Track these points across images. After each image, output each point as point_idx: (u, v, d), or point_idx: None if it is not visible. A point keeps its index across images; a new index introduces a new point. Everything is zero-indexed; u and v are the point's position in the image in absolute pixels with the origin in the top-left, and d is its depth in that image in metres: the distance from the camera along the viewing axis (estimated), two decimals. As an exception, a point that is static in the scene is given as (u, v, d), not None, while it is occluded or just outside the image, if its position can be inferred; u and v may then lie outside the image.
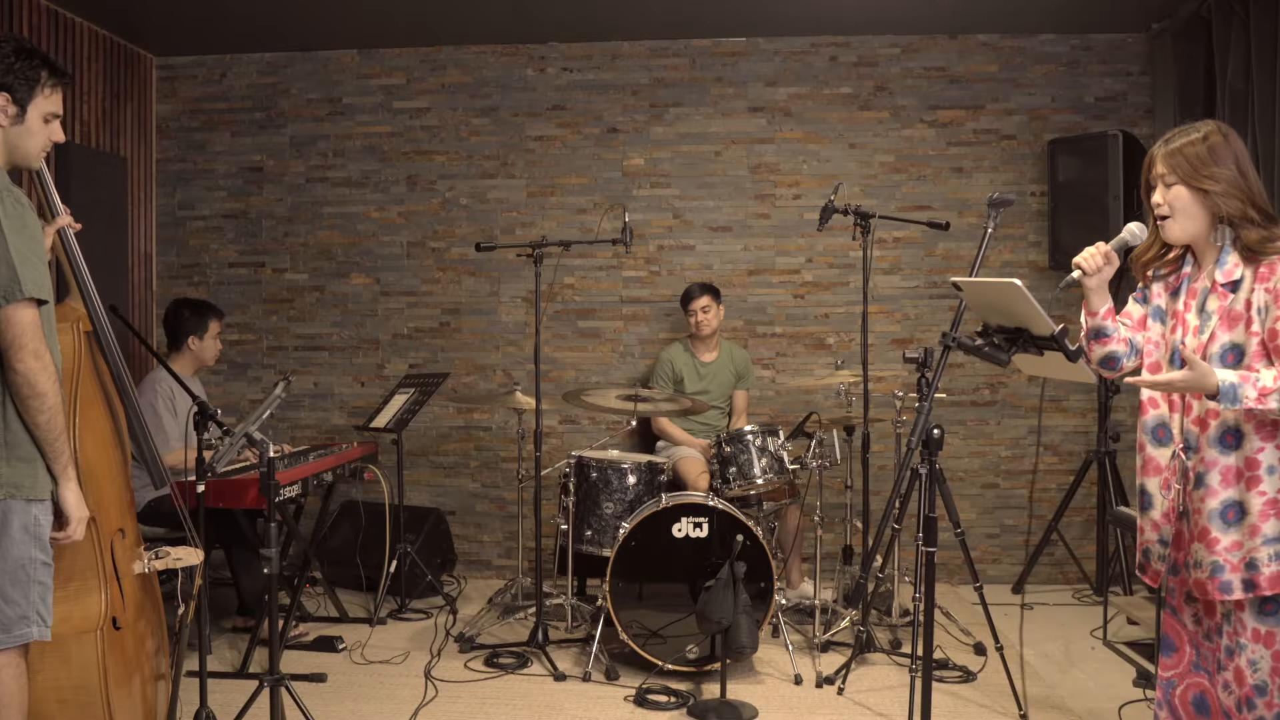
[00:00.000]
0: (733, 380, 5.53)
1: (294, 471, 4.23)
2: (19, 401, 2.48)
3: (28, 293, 2.43)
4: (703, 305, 5.36)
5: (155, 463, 3.21)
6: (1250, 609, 2.42)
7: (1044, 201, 5.73)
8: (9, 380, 2.46)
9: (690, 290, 5.41)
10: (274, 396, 3.43)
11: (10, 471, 2.48)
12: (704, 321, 5.37)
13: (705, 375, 5.46)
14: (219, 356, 4.96)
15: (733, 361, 5.54)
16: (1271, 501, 2.36)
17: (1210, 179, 2.42)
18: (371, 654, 4.53)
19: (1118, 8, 5.40)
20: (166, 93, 6.18)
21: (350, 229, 6.12)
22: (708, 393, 5.43)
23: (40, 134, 2.61)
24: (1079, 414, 5.83)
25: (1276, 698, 2.39)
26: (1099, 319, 2.62)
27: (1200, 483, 2.46)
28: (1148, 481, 2.61)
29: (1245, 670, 2.43)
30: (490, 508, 6.08)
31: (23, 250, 2.44)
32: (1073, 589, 5.65)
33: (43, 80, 2.58)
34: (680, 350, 5.52)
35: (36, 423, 2.49)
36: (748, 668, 4.34)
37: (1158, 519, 2.59)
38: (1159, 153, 2.51)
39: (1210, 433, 2.44)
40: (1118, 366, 2.69)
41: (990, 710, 3.88)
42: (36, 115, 2.59)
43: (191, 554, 3.20)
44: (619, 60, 5.98)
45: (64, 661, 2.82)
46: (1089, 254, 2.53)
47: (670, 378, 5.45)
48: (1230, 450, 2.42)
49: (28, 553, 2.51)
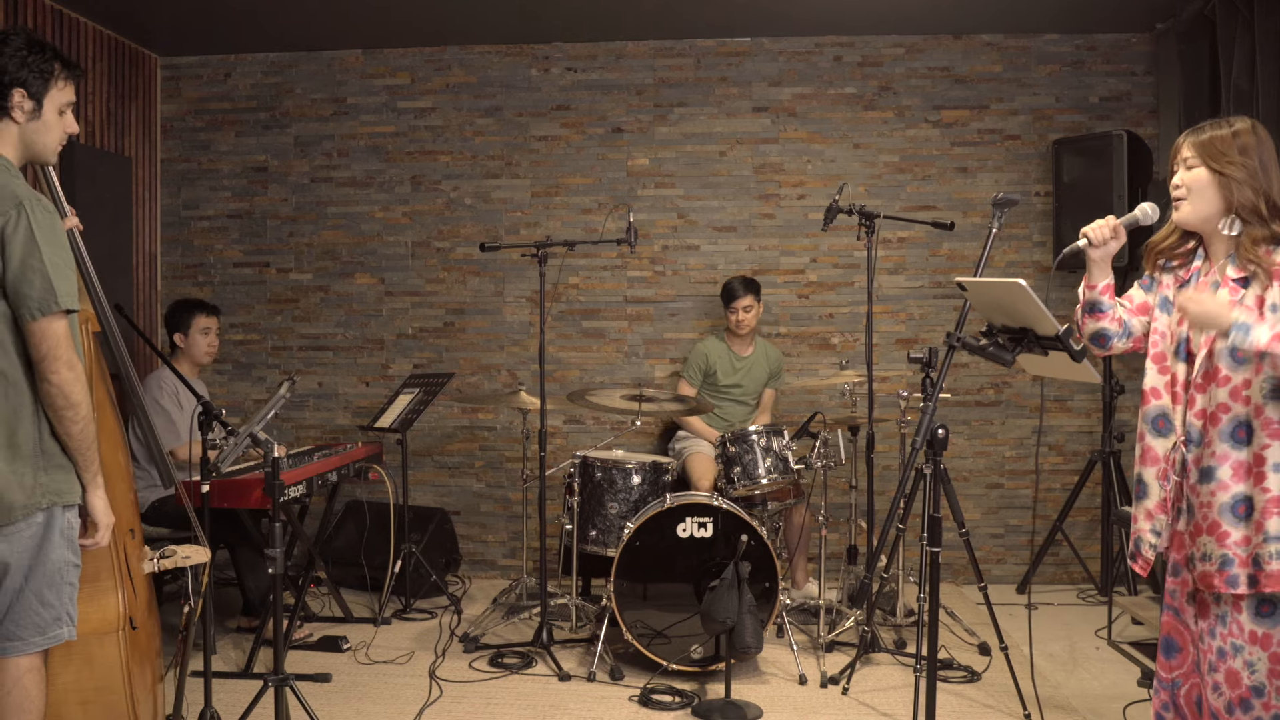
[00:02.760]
0: (766, 377, 5.53)
1: (299, 471, 4.24)
2: (52, 413, 2.46)
3: (62, 304, 2.42)
4: (745, 305, 5.33)
5: (164, 463, 3.22)
6: (1248, 610, 2.42)
7: (1048, 201, 5.72)
8: (43, 392, 2.45)
9: (733, 288, 5.36)
10: (279, 397, 3.44)
11: (49, 480, 2.48)
12: (744, 321, 5.36)
13: (740, 369, 5.46)
14: (213, 354, 4.93)
15: (768, 359, 5.54)
16: (1276, 499, 2.36)
17: (1232, 165, 2.45)
18: (376, 654, 4.53)
19: (1122, 7, 5.39)
20: (171, 92, 6.19)
21: (355, 229, 6.12)
22: (740, 386, 5.43)
23: (56, 128, 2.59)
24: (1083, 414, 5.82)
25: (1274, 699, 2.40)
26: (1096, 293, 2.64)
27: (1210, 477, 2.46)
28: (1145, 471, 2.62)
29: (1241, 672, 2.42)
30: (495, 508, 6.08)
31: (56, 261, 2.42)
32: (1077, 589, 5.64)
33: (56, 73, 2.56)
34: (716, 343, 5.52)
35: (70, 433, 2.48)
36: (752, 668, 4.34)
37: (1152, 508, 2.60)
38: (1187, 140, 2.54)
39: (1222, 426, 2.44)
40: (1107, 345, 2.69)
41: (995, 710, 3.88)
42: (52, 108, 2.56)
43: (199, 552, 3.20)
44: (623, 60, 5.98)
45: (86, 663, 2.82)
46: (1098, 225, 2.57)
47: (702, 369, 5.44)
48: (1242, 445, 2.42)
49: (64, 556, 2.53)
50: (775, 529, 5.02)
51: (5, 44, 2.49)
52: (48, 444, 2.49)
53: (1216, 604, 2.47)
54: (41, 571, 2.49)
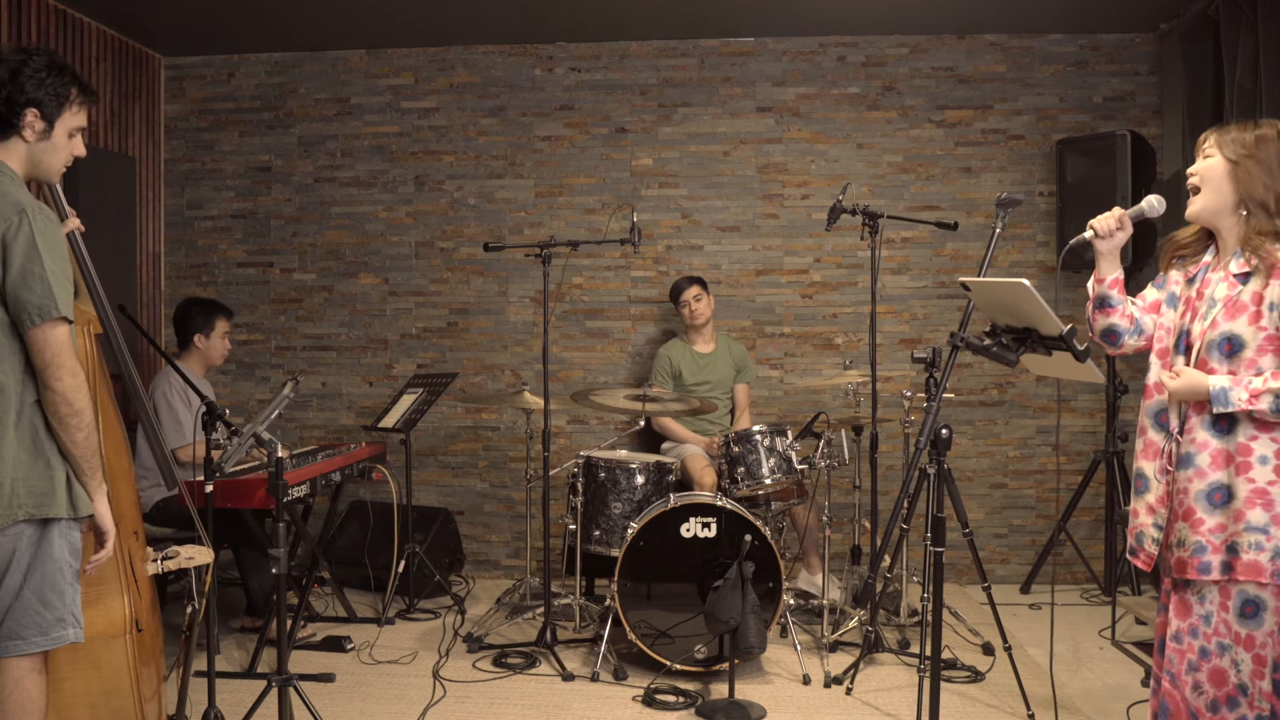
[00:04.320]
0: (732, 372, 5.54)
1: (302, 471, 4.24)
2: (56, 421, 2.45)
3: (61, 312, 2.42)
4: (694, 294, 5.41)
5: (167, 464, 3.22)
6: (1233, 611, 2.43)
7: (1052, 201, 5.72)
8: (47, 400, 2.45)
9: (678, 283, 5.48)
10: (282, 397, 3.44)
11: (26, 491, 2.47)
12: (697, 310, 5.42)
13: (704, 366, 5.47)
14: (227, 356, 4.97)
15: (730, 354, 5.56)
16: (1260, 491, 2.37)
17: (1249, 157, 2.46)
18: (380, 654, 4.53)
19: (1126, 8, 5.39)
20: (175, 93, 6.20)
21: (358, 229, 6.13)
22: (707, 383, 5.44)
23: (64, 150, 2.63)
24: (1087, 414, 5.82)
25: (1258, 700, 2.41)
26: (1105, 286, 2.64)
27: (1189, 463, 2.48)
28: (1145, 465, 2.63)
29: (1228, 671, 2.44)
30: (498, 508, 6.08)
31: (55, 270, 2.43)
32: (1081, 589, 5.64)
33: (72, 97, 2.60)
34: (677, 344, 5.54)
35: (74, 440, 2.47)
36: (756, 668, 4.34)
37: (1153, 502, 2.60)
38: (1212, 134, 2.56)
39: (1205, 415, 2.46)
40: (1119, 342, 2.69)
41: (999, 710, 3.87)
42: (63, 131, 2.60)
43: (202, 553, 3.21)
44: (627, 60, 5.98)
45: (93, 667, 2.82)
46: (1104, 216, 2.59)
47: (669, 373, 5.45)
48: (1223, 434, 2.44)
49: (64, 557, 2.53)
50: (779, 529, 5.01)
51: (26, 63, 2.52)
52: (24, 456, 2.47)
53: (1200, 603, 2.48)
54: (40, 571, 2.48)
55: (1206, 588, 2.47)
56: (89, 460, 2.51)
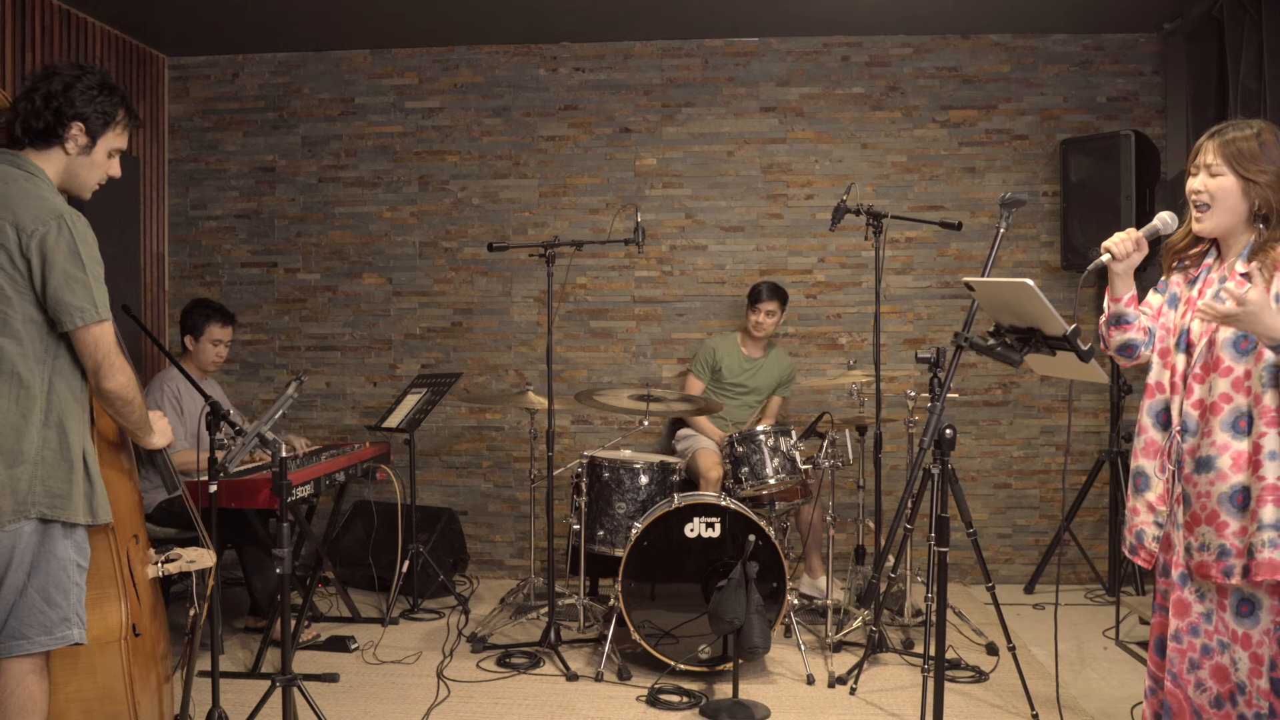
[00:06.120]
0: (774, 384, 5.51)
1: (306, 471, 4.24)
2: (111, 410, 2.69)
3: (101, 314, 2.53)
4: (769, 309, 5.31)
5: (168, 467, 3.22)
6: (1230, 610, 2.44)
7: (1056, 201, 5.71)
8: (103, 396, 2.62)
9: (759, 291, 5.34)
10: (286, 397, 3.44)
11: (44, 491, 2.50)
12: (763, 324, 5.33)
13: (749, 370, 5.44)
14: (219, 363, 4.88)
15: (779, 367, 5.51)
16: (1270, 487, 2.38)
17: (1261, 172, 2.46)
18: (384, 654, 4.54)
19: (1130, 8, 5.38)
20: (178, 93, 6.21)
21: (362, 229, 6.13)
22: (744, 386, 5.41)
23: (101, 168, 2.69)
24: (1091, 414, 5.81)
25: (1255, 698, 2.41)
26: (1121, 305, 2.65)
27: (1209, 466, 2.47)
28: (1145, 463, 2.63)
29: (1228, 668, 2.45)
30: (502, 508, 6.09)
31: (95, 273, 2.54)
32: (1085, 589, 5.63)
33: (119, 119, 2.67)
34: (728, 339, 5.50)
35: (130, 420, 2.75)
36: (760, 668, 4.34)
37: (1153, 500, 2.61)
38: (1210, 143, 2.53)
39: (1223, 417, 2.45)
40: (1135, 355, 2.70)
41: (1003, 710, 3.87)
42: (103, 149, 2.67)
43: (204, 556, 3.20)
44: (631, 60, 5.98)
45: (89, 672, 2.81)
46: (1119, 239, 2.58)
47: (709, 364, 5.43)
48: (1243, 435, 2.44)
49: (69, 555, 2.55)
50: (783, 529, 5.01)
51: (80, 79, 2.60)
52: (49, 454, 2.51)
53: (1200, 601, 2.49)
54: (45, 570, 2.50)
55: (1205, 585, 2.48)
56: (140, 427, 2.81)
